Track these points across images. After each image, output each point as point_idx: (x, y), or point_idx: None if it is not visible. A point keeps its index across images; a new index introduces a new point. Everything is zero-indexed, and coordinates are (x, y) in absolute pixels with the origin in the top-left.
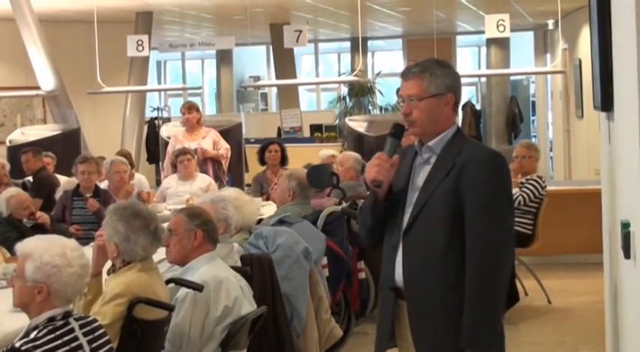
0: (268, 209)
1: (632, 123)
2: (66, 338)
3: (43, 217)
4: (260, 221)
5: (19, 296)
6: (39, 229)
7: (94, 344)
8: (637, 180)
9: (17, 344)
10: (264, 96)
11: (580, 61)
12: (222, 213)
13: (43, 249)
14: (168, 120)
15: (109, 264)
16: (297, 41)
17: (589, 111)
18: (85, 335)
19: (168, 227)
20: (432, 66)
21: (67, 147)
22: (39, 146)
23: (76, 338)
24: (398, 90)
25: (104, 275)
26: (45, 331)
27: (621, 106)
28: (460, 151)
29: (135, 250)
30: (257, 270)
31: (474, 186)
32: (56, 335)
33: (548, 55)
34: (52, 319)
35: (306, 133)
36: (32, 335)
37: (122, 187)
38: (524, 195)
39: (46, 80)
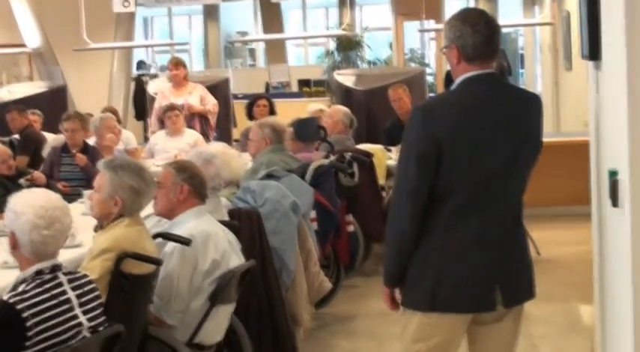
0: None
1: (619, 71)
2: (54, 292)
3: (40, 178)
4: None
5: (8, 244)
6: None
7: (83, 299)
8: (625, 128)
9: (5, 297)
10: (252, 52)
11: (568, 12)
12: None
13: (16, 197)
14: (155, 76)
15: (94, 222)
16: None
17: (577, 63)
18: (73, 289)
19: (157, 180)
20: (448, 19)
21: (53, 104)
22: (25, 104)
23: (64, 292)
24: (391, 45)
25: (92, 233)
26: (33, 284)
27: (609, 55)
28: None
29: (142, 204)
30: (245, 224)
31: None
32: (44, 289)
33: (537, 7)
34: (39, 272)
35: (294, 88)
36: (20, 289)
37: (113, 144)
38: None
39: (32, 37)
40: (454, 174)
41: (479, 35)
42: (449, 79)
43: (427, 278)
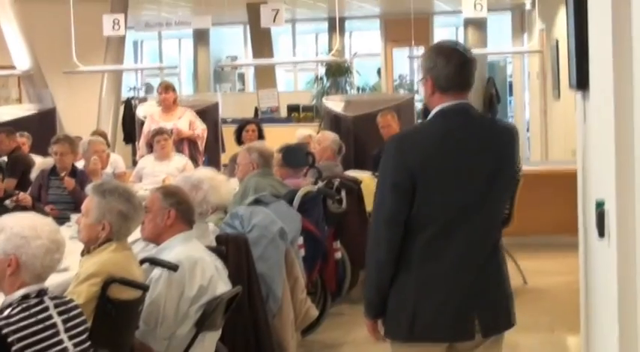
0: None
1: (607, 101)
2: (40, 317)
3: (25, 199)
4: None
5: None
6: (21, 210)
7: (69, 324)
8: (612, 158)
9: None
10: (241, 77)
11: (557, 41)
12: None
13: (15, 222)
14: (144, 100)
15: (81, 246)
16: (274, 21)
17: (566, 91)
18: (59, 314)
19: (145, 204)
20: (424, 51)
21: (42, 127)
22: (14, 126)
23: (50, 317)
24: (379, 70)
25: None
26: (19, 308)
27: (596, 85)
28: None
29: (130, 229)
30: (232, 250)
31: None
32: (30, 313)
33: (526, 36)
34: (26, 297)
35: (283, 113)
36: (6, 313)
37: (100, 167)
38: None
39: (22, 59)
40: (428, 204)
41: (452, 66)
42: (426, 110)
43: (406, 308)
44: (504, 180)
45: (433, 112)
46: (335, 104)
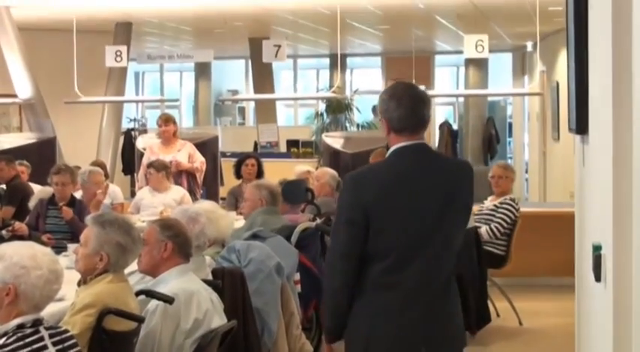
0: (242, 223)
1: (605, 146)
2: (35, 346)
3: (21, 228)
4: None
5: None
6: (17, 240)
7: None
8: (609, 203)
9: None
10: (242, 110)
11: (558, 83)
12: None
13: (14, 251)
14: (144, 131)
15: (77, 276)
16: (276, 56)
17: (565, 133)
18: (54, 344)
19: (142, 236)
20: (381, 92)
21: (42, 156)
22: (14, 154)
23: (45, 347)
24: (374, 108)
25: (75, 287)
26: (14, 338)
27: (596, 130)
28: None
29: (128, 261)
30: (228, 284)
31: None
32: (25, 343)
33: (526, 77)
34: (21, 326)
35: (283, 148)
36: (1, 342)
37: (102, 200)
38: (499, 224)
39: (24, 88)
40: (381, 239)
41: (403, 109)
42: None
43: (360, 336)
44: (457, 215)
45: (389, 152)
46: (334, 140)
